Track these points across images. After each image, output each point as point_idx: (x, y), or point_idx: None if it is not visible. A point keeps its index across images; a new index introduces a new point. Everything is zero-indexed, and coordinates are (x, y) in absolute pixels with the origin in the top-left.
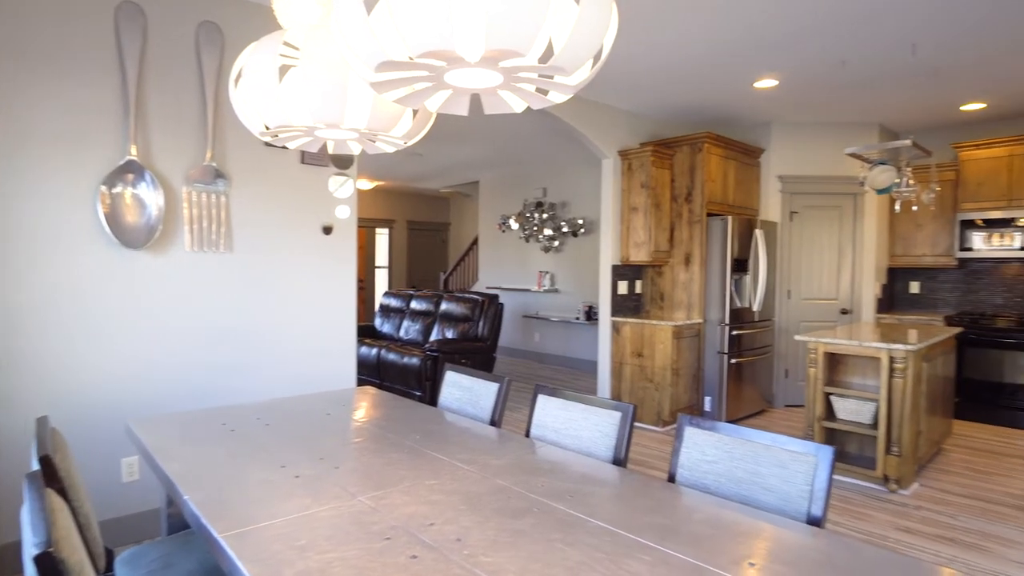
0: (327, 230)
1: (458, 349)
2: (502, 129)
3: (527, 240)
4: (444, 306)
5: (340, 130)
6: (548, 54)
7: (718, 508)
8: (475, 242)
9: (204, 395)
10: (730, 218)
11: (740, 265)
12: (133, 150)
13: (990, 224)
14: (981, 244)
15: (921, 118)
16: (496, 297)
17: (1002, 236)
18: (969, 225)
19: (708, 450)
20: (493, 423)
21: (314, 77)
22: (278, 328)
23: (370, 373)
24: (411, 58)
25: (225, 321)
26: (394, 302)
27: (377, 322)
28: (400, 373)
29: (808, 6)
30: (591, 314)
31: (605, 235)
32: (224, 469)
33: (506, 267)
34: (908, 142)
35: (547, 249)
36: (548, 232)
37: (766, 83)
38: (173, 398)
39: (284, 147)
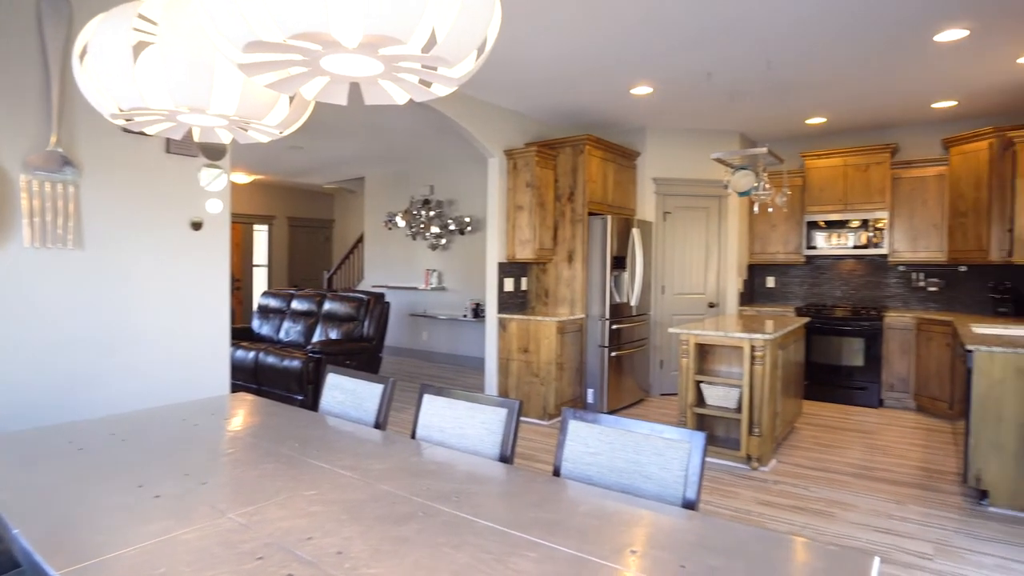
0: (196, 226)
1: (342, 350)
2: (387, 124)
3: (414, 238)
4: (327, 306)
5: (206, 116)
6: (431, 44)
7: (601, 499)
8: (360, 240)
9: (47, 412)
10: (610, 217)
11: (619, 262)
12: None
13: (830, 225)
14: (823, 243)
15: (775, 129)
16: (382, 296)
17: (839, 236)
18: (814, 226)
19: (591, 442)
20: (378, 426)
21: (174, 55)
22: (139, 333)
23: (247, 378)
24: (284, 40)
25: (74, 326)
26: (273, 302)
27: (255, 323)
28: (280, 377)
29: (677, 21)
30: (479, 312)
31: (491, 233)
32: (67, 495)
33: (393, 265)
34: (764, 150)
35: (434, 247)
36: (435, 230)
37: (642, 90)
38: (7, 418)
39: (143, 133)
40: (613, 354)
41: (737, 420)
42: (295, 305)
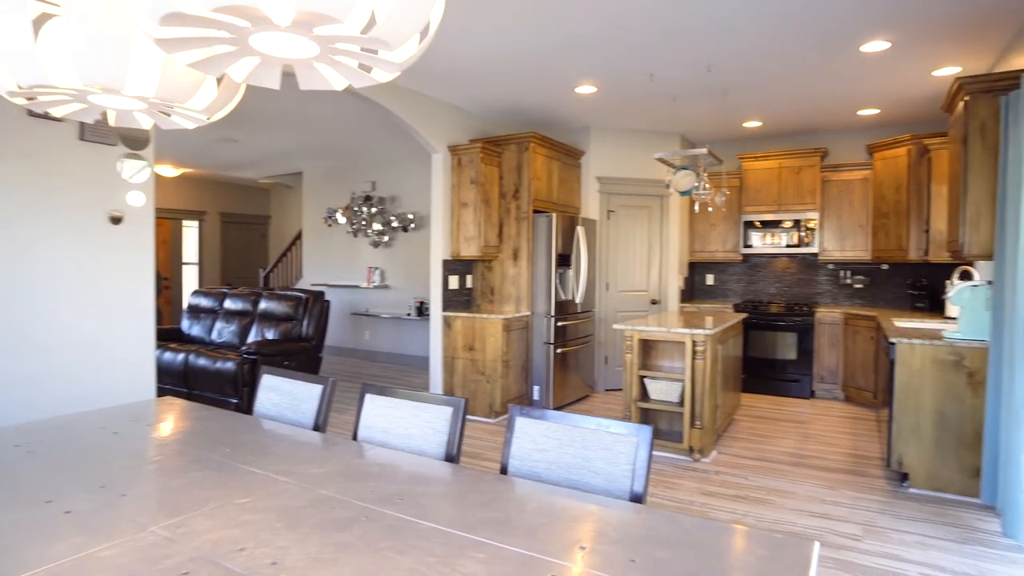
0: (116, 220)
1: (280, 351)
2: (327, 117)
3: (355, 235)
4: (263, 305)
5: (122, 97)
6: (370, 25)
7: (549, 496)
8: (299, 237)
9: None
10: (555, 215)
11: (564, 260)
12: None
13: (765, 225)
14: (759, 242)
15: (714, 131)
16: (321, 294)
17: (773, 235)
18: (750, 225)
19: (538, 439)
20: (317, 428)
21: (80, 26)
22: (52, 336)
23: (176, 382)
24: (207, 13)
25: None
26: (205, 302)
27: (184, 324)
28: (213, 379)
29: (619, 22)
30: (422, 310)
31: (436, 230)
32: None
33: (333, 263)
34: (705, 150)
35: (377, 244)
36: (378, 227)
37: (586, 89)
38: None
39: (47, 115)
40: (559, 351)
41: (680, 413)
42: (229, 304)
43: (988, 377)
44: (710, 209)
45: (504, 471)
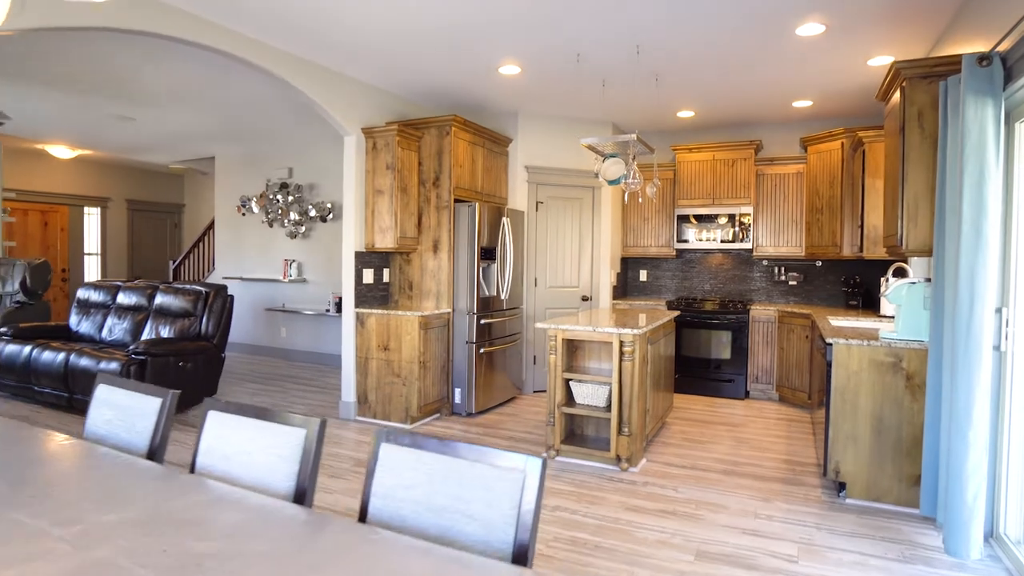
0: None
1: (174, 350)
2: (232, 95)
3: (271, 225)
4: (159, 299)
5: None
6: None
7: (405, 556)
8: (211, 226)
9: None
10: (477, 204)
11: (488, 253)
12: None
13: (700, 220)
14: (693, 237)
15: (647, 121)
16: (224, 288)
17: (708, 230)
18: (684, 220)
19: (406, 473)
20: (152, 453)
21: None
22: None
23: (56, 385)
24: None
25: None
26: (96, 296)
27: (72, 320)
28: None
29: None
30: (342, 306)
31: (348, 219)
32: None
33: (247, 255)
34: (634, 136)
35: (293, 235)
36: (294, 216)
37: (510, 69)
38: None
39: None
40: (482, 351)
41: (607, 419)
42: (122, 299)
43: (927, 380)
44: (640, 200)
45: (363, 513)
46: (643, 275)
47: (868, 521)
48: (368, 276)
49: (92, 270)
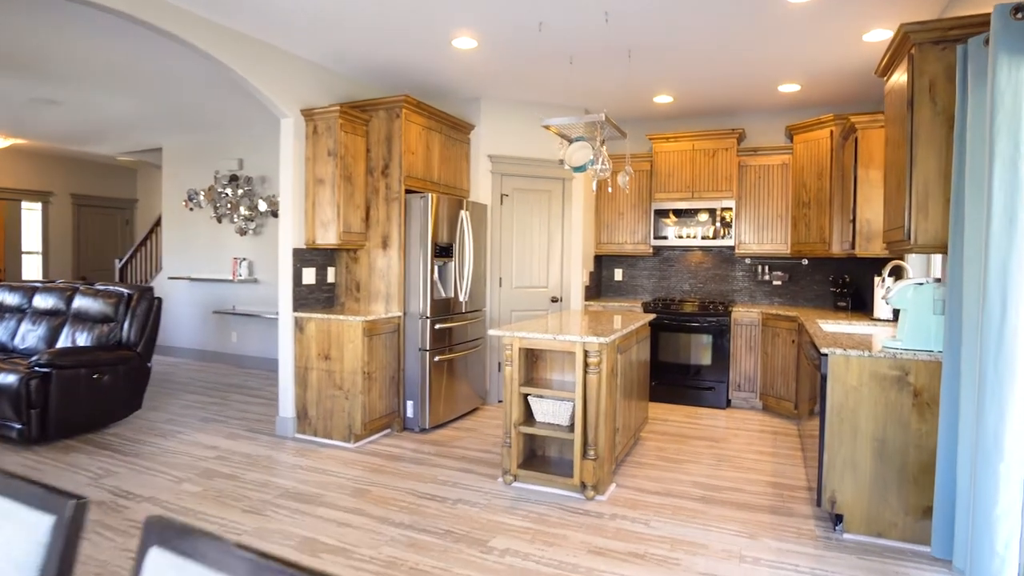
0: None
1: (87, 360)
2: (166, 77)
3: (220, 220)
4: (78, 303)
5: None
6: None
7: None
8: (159, 223)
9: None
10: (431, 196)
11: (445, 250)
12: None
13: (678, 215)
14: (671, 233)
15: (622, 106)
16: (149, 290)
17: (687, 226)
18: (662, 215)
19: None
20: None
21: None
22: None
23: None
24: None
25: None
26: (11, 298)
27: None
28: None
29: None
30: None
31: (285, 212)
32: None
33: (195, 253)
34: (602, 116)
35: (243, 232)
36: (244, 211)
37: (465, 42)
38: None
39: None
40: (437, 358)
41: (570, 441)
42: (38, 302)
43: (941, 398)
44: (610, 189)
45: None
46: (618, 274)
47: (872, 563)
48: (309, 276)
49: (32, 270)
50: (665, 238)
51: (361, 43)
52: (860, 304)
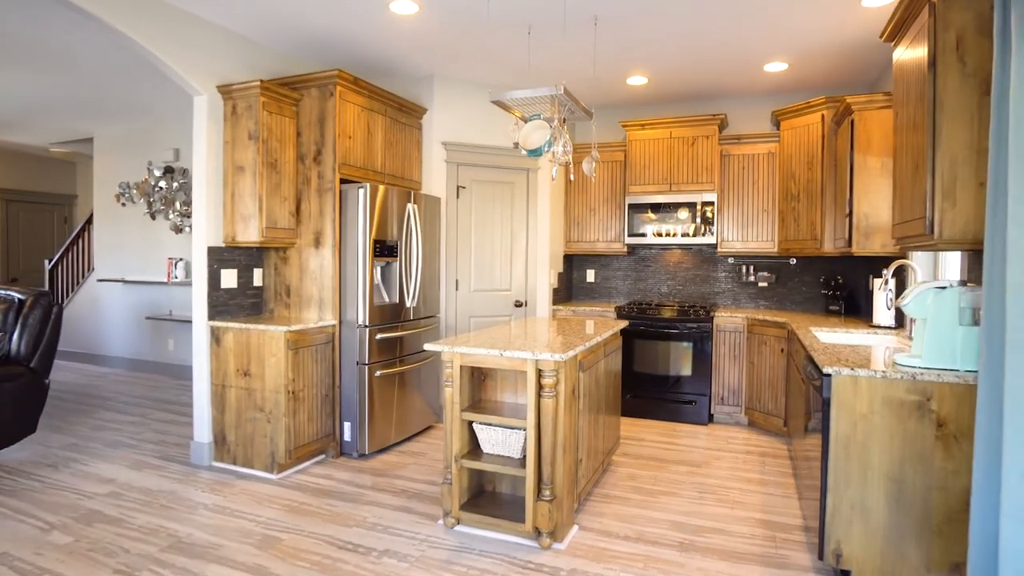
0: None
1: None
2: (77, 52)
3: (153, 217)
4: None
5: None
6: None
7: None
8: (91, 220)
9: None
10: (369, 186)
11: (388, 249)
12: None
13: (655, 210)
14: (648, 230)
15: (592, 89)
16: (45, 295)
17: (665, 222)
18: (638, 210)
19: None
20: None
21: None
22: None
23: None
24: None
25: None
26: None
27: None
28: None
29: None
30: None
31: (199, 204)
32: None
33: (129, 253)
34: (560, 88)
35: (179, 229)
36: (180, 207)
37: (403, 6)
38: None
39: None
40: (379, 373)
41: (522, 478)
42: None
43: (976, 429)
44: (572, 177)
45: None
46: (590, 275)
47: None
48: (229, 278)
49: None
50: (642, 236)
51: (289, 8)
52: (854, 308)
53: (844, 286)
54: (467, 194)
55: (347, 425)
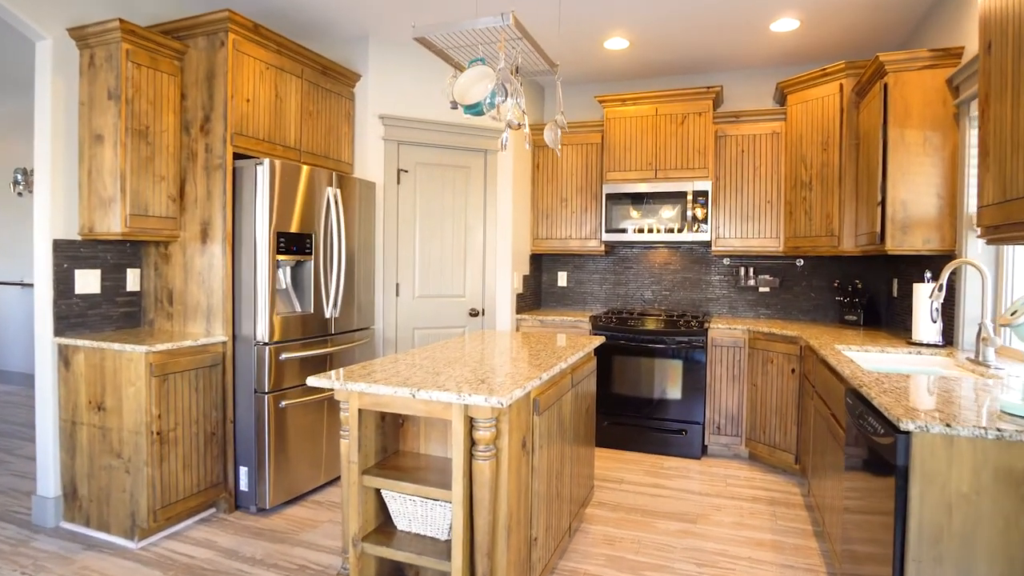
0: None
1: None
2: None
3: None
4: None
5: None
6: None
7: None
8: None
9: None
10: (269, 163)
11: (300, 244)
12: None
13: (638, 201)
14: (630, 226)
15: (564, 54)
16: None
17: (650, 216)
18: (617, 201)
19: None
20: None
21: None
22: None
23: None
24: None
25: None
26: None
27: None
28: None
29: None
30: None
31: (42, 184)
32: None
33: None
34: (509, 18)
35: None
36: None
37: None
38: None
39: None
40: (284, 403)
41: (446, 573)
42: None
43: None
44: (528, 146)
45: None
46: (562, 278)
47: None
48: (88, 282)
49: None
50: (622, 232)
51: None
52: (874, 318)
53: (863, 291)
54: (409, 179)
55: (243, 471)
